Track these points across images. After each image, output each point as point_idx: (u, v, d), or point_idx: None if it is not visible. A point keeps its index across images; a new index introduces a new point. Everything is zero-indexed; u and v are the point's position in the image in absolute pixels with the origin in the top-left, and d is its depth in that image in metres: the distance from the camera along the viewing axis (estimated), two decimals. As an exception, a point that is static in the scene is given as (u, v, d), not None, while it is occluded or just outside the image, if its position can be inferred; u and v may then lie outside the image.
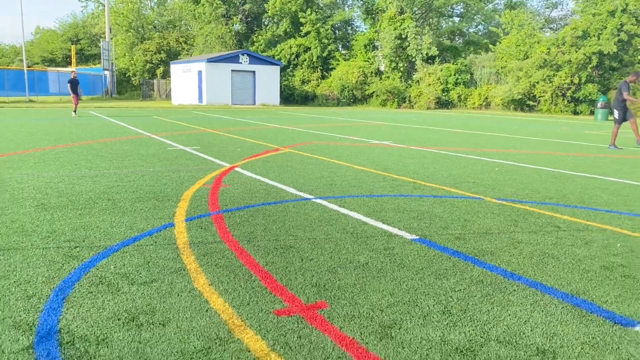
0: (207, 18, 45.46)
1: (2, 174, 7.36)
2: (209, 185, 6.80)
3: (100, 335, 2.68)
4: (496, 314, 3.04)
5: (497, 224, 5.09)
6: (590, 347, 2.66)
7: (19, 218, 4.95)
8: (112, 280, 3.44)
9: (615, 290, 3.45)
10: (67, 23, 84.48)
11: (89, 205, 5.51)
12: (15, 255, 3.88)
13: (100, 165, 8.35)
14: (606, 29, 31.15)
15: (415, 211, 5.56)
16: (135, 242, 4.26)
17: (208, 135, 13.97)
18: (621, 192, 6.99)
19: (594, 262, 4.02)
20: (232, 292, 3.26)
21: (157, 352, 2.53)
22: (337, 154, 10.48)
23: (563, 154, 11.51)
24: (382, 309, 3.07)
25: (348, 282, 3.49)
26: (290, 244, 4.29)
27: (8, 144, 11.12)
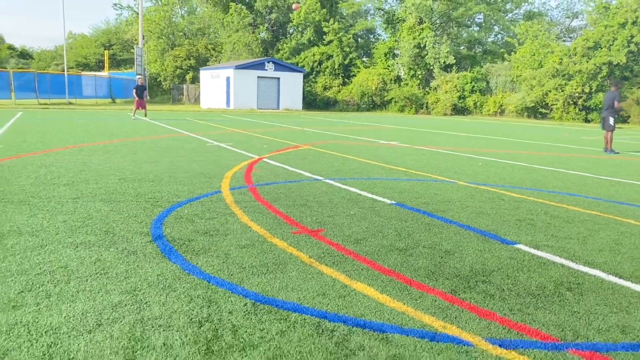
0: (235, 26, 47.78)
1: (83, 159, 9.40)
2: (243, 169, 8.71)
3: (188, 238, 4.57)
4: (432, 238, 4.84)
5: (457, 197, 6.89)
6: (482, 252, 4.44)
7: (110, 186, 6.92)
8: (188, 216, 5.35)
9: (518, 230, 5.22)
10: (100, 29, 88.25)
11: (157, 179, 7.47)
12: (119, 204, 5.82)
13: (155, 154, 10.35)
14: (617, 40, 32.40)
15: (399, 188, 7.38)
16: (197, 200, 6.17)
17: (238, 135, 15.95)
18: (571, 180, 8.70)
19: (513, 216, 5.79)
20: (265, 223, 5.13)
21: (224, 244, 4.40)
22: (347, 150, 12.33)
23: (547, 154, 13.16)
24: (358, 233, 4.91)
25: (340, 221, 5.34)
26: (303, 203, 6.16)
27: (72, 138, 13.22)
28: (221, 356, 2.56)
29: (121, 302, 3.17)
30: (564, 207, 6.44)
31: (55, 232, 4.63)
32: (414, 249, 4.45)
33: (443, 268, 4.00)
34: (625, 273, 4.02)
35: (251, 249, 4.30)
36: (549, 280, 3.80)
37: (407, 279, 3.74)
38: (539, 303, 3.38)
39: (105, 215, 5.30)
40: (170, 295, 3.29)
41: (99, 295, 3.25)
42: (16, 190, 6.42)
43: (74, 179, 7.28)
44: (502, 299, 3.42)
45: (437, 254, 4.33)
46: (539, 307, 3.31)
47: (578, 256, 4.40)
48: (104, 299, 3.20)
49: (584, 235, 5.11)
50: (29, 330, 2.77)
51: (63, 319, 2.91)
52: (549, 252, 4.48)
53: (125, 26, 68.82)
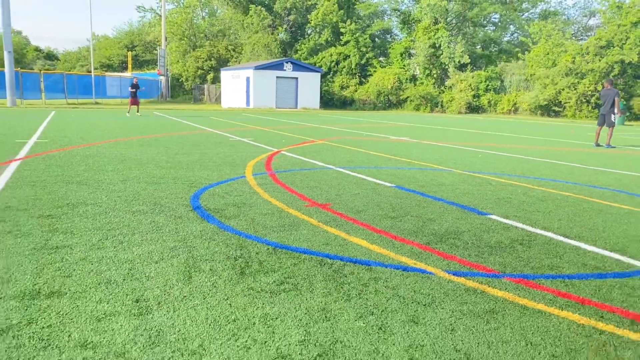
0: (255, 28, 49.07)
1: (121, 151, 10.58)
2: (264, 160, 9.80)
3: (221, 209, 5.65)
4: (419, 210, 5.85)
5: (450, 181, 7.88)
6: (459, 219, 5.44)
7: (150, 172, 8.05)
8: (219, 194, 6.44)
9: (494, 206, 6.21)
10: (123, 31, 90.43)
11: (190, 167, 8.59)
12: (160, 185, 6.94)
13: (185, 147, 11.50)
14: (629, 39, 32.84)
15: (400, 175, 8.40)
16: (226, 182, 7.27)
17: (258, 131, 17.07)
18: (559, 169, 9.62)
19: (494, 196, 6.78)
20: (283, 199, 6.20)
21: (250, 213, 5.47)
22: (359, 145, 13.35)
23: (547, 148, 14.02)
24: (359, 206, 5.94)
25: (345, 198, 6.38)
26: (315, 186, 7.21)
27: (106, 134, 14.47)
28: (251, 276, 3.63)
29: (176, 246, 4.26)
30: (543, 189, 7.40)
31: (114, 203, 5.76)
32: (403, 217, 5.47)
33: (424, 229, 5.02)
34: (571, 234, 4.99)
35: (271, 216, 5.37)
36: (507, 238, 4.80)
37: (393, 235, 4.77)
38: (493, 252, 4.38)
39: (151, 193, 6.43)
40: (211, 243, 4.37)
41: (158, 243, 4.35)
42: (73, 174, 7.59)
43: (118, 167, 8.45)
44: (465, 249, 4.43)
45: (421, 221, 5.35)
46: (492, 254, 4.32)
47: (538, 223, 5.38)
48: (163, 244, 4.29)
49: (550, 209, 6.08)
50: (113, 261, 3.87)
51: (135, 255, 4.01)
52: (515, 221, 5.47)
53: (148, 28, 70.57)
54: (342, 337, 2.77)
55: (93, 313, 2.97)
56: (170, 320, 2.91)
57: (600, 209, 6.22)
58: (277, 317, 2.99)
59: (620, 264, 4.15)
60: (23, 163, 8.58)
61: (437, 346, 2.70)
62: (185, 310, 3.04)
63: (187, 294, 3.27)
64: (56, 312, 2.96)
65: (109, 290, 3.30)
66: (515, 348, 2.71)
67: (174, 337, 2.72)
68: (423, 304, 3.23)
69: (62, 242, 4.27)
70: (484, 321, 3.02)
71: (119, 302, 3.13)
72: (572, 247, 4.58)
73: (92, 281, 3.45)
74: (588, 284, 3.69)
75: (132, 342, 2.65)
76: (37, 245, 4.18)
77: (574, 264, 4.11)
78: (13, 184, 6.70)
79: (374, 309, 3.13)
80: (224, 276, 3.61)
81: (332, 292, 3.37)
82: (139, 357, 2.50)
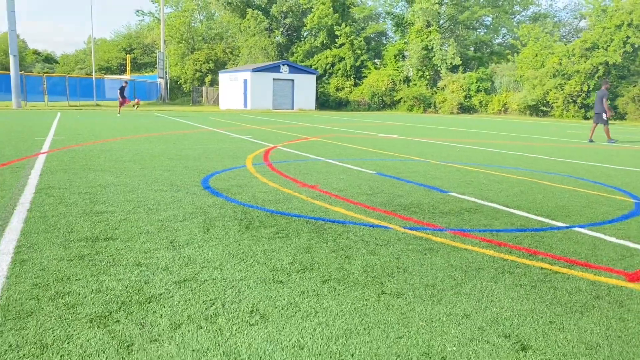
0: (252, 31, 50.27)
1: (134, 146, 11.74)
2: (262, 153, 10.96)
3: (227, 188, 6.81)
4: (392, 189, 7.03)
5: (424, 169, 9.06)
6: (423, 196, 6.62)
7: (163, 162, 9.21)
8: (224, 178, 7.61)
9: (456, 186, 7.38)
10: (121, 34, 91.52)
11: (197, 159, 9.75)
12: (174, 172, 8.10)
13: (190, 143, 12.66)
14: (613, 41, 34.13)
15: (382, 164, 9.58)
16: (229, 170, 8.43)
17: (256, 130, 18.24)
18: (525, 160, 10.82)
19: (458, 179, 7.95)
20: (278, 182, 7.37)
21: (251, 191, 6.64)
22: (350, 141, 14.54)
23: (521, 143, 15.23)
24: (342, 187, 7.11)
25: (331, 182, 7.55)
26: (307, 172, 8.38)
27: (116, 132, 15.61)
28: (254, 229, 4.79)
29: (194, 212, 5.42)
30: (502, 174, 8.59)
31: (137, 185, 6.92)
32: (377, 194, 6.65)
33: (392, 202, 6.19)
34: (511, 205, 6.17)
35: (269, 193, 6.54)
36: (458, 207, 5.98)
37: (366, 206, 5.94)
38: (443, 216, 5.55)
39: (167, 177, 7.59)
40: (222, 209, 5.54)
41: (180, 209, 5.51)
42: (96, 164, 8.75)
43: (134, 158, 9.61)
44: (421, 214, 5.60)
45: (391, 196, 6.52)
46: (443, 217, 5.49)
47: (488, 198, 6.57)
48: (184, 210, 5.45)
49: (502, 189, 7.26)
50: (147, 220, 5.02)
51: (164, 217, 5.17)
52: (469, 196, 6.65)
53: (146, 31, 71.68)
54: (319, 261, 3.94)
55: (141, 248, 4.14)
56: (196, 252, 4.08)
57: (545, 188, 7.41)
58: (273, 251, 4.16)
59: (541, 223, 5.33)
60: (49, 156, 9.73)
61: (385, 266, 3.87)
62: (206, 247, 4.21)
63: (207, 239, 4.44)
64: (114, 248, 4.13)
65: (149, 237, 4.46)
66: (440, 268, 3.88)
67: (201, 260, 3.88)
68: (380, 245, 4.40)
69: (104, 209, 5.43)
70: (422, 254, 4.19)
71: (158, 243, 4.30)
72: (508, 213, 5.76)
73: (134, 232, 4.61)
74: (509, 235, 4.87)
75: (171, 262, 3.82)
76: (85, 210, 5.34)
77: (504, 223, 5.30)
78: (48, 171, 7.86)
79: (343, 247, 4.30)
80: (233, 229, 4.77)
81: (314, 238, 4.54)
82: (178, 270, 3.67)
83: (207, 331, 2.76)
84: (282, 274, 3.66)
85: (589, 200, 6.64)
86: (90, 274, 3.56)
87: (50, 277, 3.48)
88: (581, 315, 3.11)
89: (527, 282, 3.63)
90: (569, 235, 4.88)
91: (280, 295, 3.27)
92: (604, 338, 2.82)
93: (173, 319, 2.90)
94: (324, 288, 3.41)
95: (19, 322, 2.82)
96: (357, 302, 3.19)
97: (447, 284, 3.55)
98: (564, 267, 3.96)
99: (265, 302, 3.17)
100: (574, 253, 4.33)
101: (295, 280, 3.55)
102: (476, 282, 3.60)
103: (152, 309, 3.01)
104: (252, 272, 3.68)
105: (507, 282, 3.62)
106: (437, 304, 3.21)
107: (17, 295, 3.17)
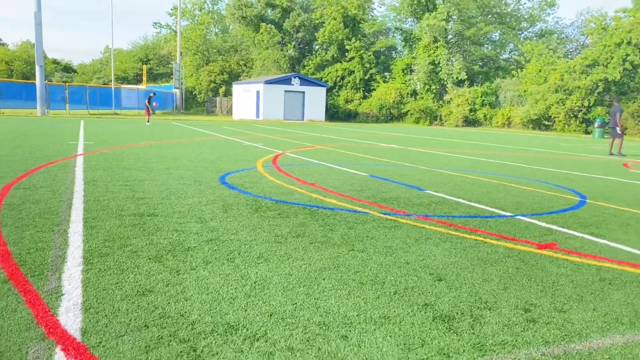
0: (265, 44, 52.05)
1: (157, 151, 13.20)
2: (271, 158, 12.36)
3: (241, 184, 8.20)
4: (379, 187, 8.36)
5: (411, 173, 10.39)
6: (403, 192, 7.95)
7: (185, 164, 10.63)
8: (238, 176, 8.99)
9: (434, 186, 8.70)
10: (138, 45, 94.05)
11: (214, 161, 11.16)
12: (195, 171, 9.50)
13: (207, 149, 14.10)
14: (613, 58, 35.30)
15: (376, 169, 10.93)
16: (242, 171, 9.82)
17: (267, 139, 19.68)
18: (504, 167, 12.11)
19: (438, 181, 9.27)
20: (284, 180, 8.73)
21: (261, 186, 8.02)
22: (351, 149, 15.91)
23: (511, 154, 16.49)
24: (337, 185, 8.46)
25: (328, 181, 8.90)
26: (309, 174, 9.74)
27: (139, 138, 17.11)
28: (262, 212, 6.15)
29: (214, 199, 6.80)
30: (477, 178, 9.90)
31: (166, 180, 8.33)
32: (365, 190, 8.00)
33: (376, 196, 7.53)
34: (473, 200, 7.48)
35: (275, 188, 7.91)
36: (429, 201, 7.30)
37: (354, 198, 7.29)
38: (415, 206, 6.88)
39: (190, 175, 9.00)
40: (237, 198, 6.91)
41: (203, 197, 6.89)
42: (128, 164, 10.19)
43: (159, 160, 11.04)
44: (397, 205, 6.93)
45: (376, 192, 7.87)
46: (414, 207, 6.81)
47: (456, 195, 7.88)
48: (207, 198, 6.84)
49: (472, 189, 8.58)
50: (178, 204, 6.40)
51: (191, 202, 6.55)
52: (442, 194, 7.97)
53: (163, 43, 73.87)
54: (309, 231, 5.29)
55: (176, 221, 5.52)
56: (218, 224, 5.44)
57: (508, 189, 8.72)
58: (275, 225, 5.52)
59: (491, 212, 6.64)
60: (85, 157, 11.20)
61: (358, 235, 5.21)
62: (226, 221, 5.58)
63: (226, 217, 5.81)
64: (157, 221, 5.51)
65: (181, 215, 5.85)
66: (398, 237, 5.21)
67: (222, 229, 5.25)
68: (358, 223, 5.75)
69: (143, 196, 6.84)
70: (388, 229, 5.53)
71: (189, 218, 5.68)
72: (468, 205, 7.08)
73: (170, 211, 6.00)
74: (461, 219, 6.19)
75: (200, 230, 5.19)
76: (128, 197, 6.75)
77: (461, 212, 6.62)
78: (89, 169, 9.30)
79: (329, 224, 5.65)
80: (245, 211, 6.15)
81: (308, 218, 5.90)
82: (206, 234, 5.03)
83: (228, 266, 4.13)
84: (281, 238, 5.02)
85: (542, 198, 7.94)
86: (142, 235, 4.95)
87: (114, 236, 4.87)
88: (490, 265, 4.43)
89: (460, 247, 4.95)
90: (509, 221, 6.20)
91: (278, 250, 4.63)
92: (498, 277, 4.13)
93: (205, 259, 4.27)
94: (311, 247, 4.76)
95: (101, 258, 4.20)
96: (332, 254, 4.54)
97: (399, 246, 4.89)
98: (493, 240, 5.27)
99: (268, 252, 4.53)
100: (506, 231, 5.64)
101: (290, 242, 4.90)
102: (422, 245, 4.93)
103: (190, 254, 4.39)
104: (259, 236, 5.04)
105: (446, 246, 4.95)
106: (388, 256, 4.55)
107: (95, 245, 4.56)
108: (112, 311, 3.19)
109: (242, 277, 3.89)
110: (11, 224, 5.15)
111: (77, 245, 4.52)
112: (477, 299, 3.63)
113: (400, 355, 2.79)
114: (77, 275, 3.78)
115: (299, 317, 3.22)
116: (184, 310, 3.25)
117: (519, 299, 3.67)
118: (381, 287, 3.79)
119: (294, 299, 3.50)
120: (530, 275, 4.18)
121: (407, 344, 2.93)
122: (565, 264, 4.55)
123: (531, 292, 3.81)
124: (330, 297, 3.55)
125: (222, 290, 3.61)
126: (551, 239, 5.41)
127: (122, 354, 2.69)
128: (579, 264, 4.58)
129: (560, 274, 4.27)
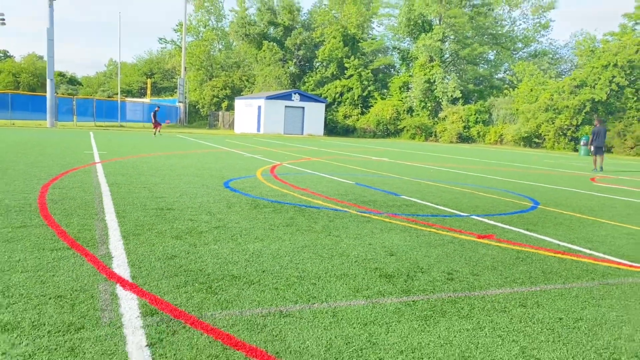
0: (267, 61, 53.74)
1: (166, 161, 14.55)
2: (269, 168, 13.70)
3: (242, 187, 9.53)
4: (362, 193, 9.68)
5: (394, 182, 11.72)
6: (381, 196, 9.26)
7: (193, 172, 11.96)
8: (239, 182, 10.32)
9: (410, 193, 10.02)
10: (143, 59, 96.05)
11: (218, 170, 12.50)
12: (202, 177, 10.82)
13: (211, 159, 15.45)
14: (600, 80, 36.83)
15: (363, 178, 12.26)
16: (243, 178, 11.15)
17: (267, 151, 21.05)
18: (484, 180, 13.43)
19: (416, 189, 10.59)
20: (279, 186, 10.06)
21: (259, 190, 9.34)
22: (344, 162, 17.26)
23: (493, 168, 17.83)
24: (325, 190, 9.78)
25: (318, 187, 10.23)
26: (301, 181, 11.07)
27: (149, 149, 18.47)
28: (260, 208, 7.47)
29: (220, 199, 8.12)
30: (452, 187, 11.22)
31: (178, 184, 9.65)
32: (349, 195, 9.32)
33: (357, 199, 8.85)
34: (439, 204, 8.80)
35: (271, 192, 9.23)
36: (401, 204, 8.62)
37: (338, 200, 8.60)
38: (388, 207, 8.19)
39: (198, 180, 10.33)
40: (239, 199, 8.24)
41: (210, 197, 8.22)
42: (142, 171, 11.53)
43: (170, 168, 12.38)
44: (373, 206, 8.24)
45: (358, 196, 9.19)
46: (387, 208, 8.12)
47: (426, 200, 9.19)
48: (213, 198, 8.16)
49: (442, 195, 9.89)
50: (190, 203, 7.73)
51: (200, 201, 7.87)
52: (414, 198, 9.28)
53: (168, 58, 75.71)
54: (297, 223, 6.60)
55: (191, 214, 6.84)
56: (224, 216, 6.76)
57: (474, 196, 10.04)
58: (270, 218, 6.83)
59: (451, 213, 7.95)
60: (104, 164, 12.55)
61: (336, 225, 6.52)
62: (230, 214, 6.90)
63: (230, 211, 7.13)
64: (174, 214, 6.83)
65: (194, 209, 7.17)
66: (368, 228, 6.51)
67: (226, 220, 6.56)
68: (337, 218, 7.06)
69: (160, 195, 8.17)
70: (361, 222, 6.84)
71: (200, 212, 7.00)
72: (434, 208, 8.39)
73: (184, 207, 7.32)
74: (424, 217, 7.50)
75: (209, 220, 6.51)
76: (148, 196, 8.08)
77: (426, 212, 7.93)
78: (109, 174, 10.65)
79: (313, 218, 6.97)
80: (246, 208, 7.47)
81: (297, 214, 7.22)
82: (214, 223, 6.35)
83: (232, 243, 5.44)
84: (274, 226, 6.34)
85: (499, 203, 9.26)
86: (164, 222, 6.27)
87: (142, 222, 6.19)
88: (434, 247, 5.73)
89: (415, 235, 6.26)
90: (464, 219, 7.51)
91: (271, 234, 5.95)
92: (437, 254, 5.43)
93: (214, 238, 5.59)
94: (297, 232, 6.08)
95: (135, 237, 5.51)
96: (313, 238, 5.86)
97: (367, 234, 6.20)
98: (444, 232, 6.59)
99: (263, 235, 5.84)
100: (457, 226, 6.96)
101: (281, 229, 6.22)
102: (385, 234, 6.25)
103: (203, 235, 5.70)
104: (256, 225, 6.36)
105: (404, 235, 6.26)
106: (357, 240, 5.86)
107: (128, 228, 5.88)
108: (150, 267, 4.51)
109: (243, 250, 5.20)
110: (59, 213, 6.48)
111: (115, 228, 5.84)
112: (415, 267, 4.94)
113: (349, 293, 4.09)
114: (120, 246, 5.10)
115: (283, 273, 4.54)
116: (201, 267, 4.56)
117: (447, 267, 4.97)
118: (346, 258, 5.10)
119: (280, 263, 4.81)
120: (462, 254, 5.49)
121: (356, 287, 4.24)
122: (493, 248, 5.86)
123: (458, 264, 5.12)
124: (307, 263, 4.86)
125: (228, 257, 4.93)
126: (492, 232, 6.72)
127: (162, 289, 3.99)
128: (505, 248, 5.89)
129: (486, 254, 5.58)
